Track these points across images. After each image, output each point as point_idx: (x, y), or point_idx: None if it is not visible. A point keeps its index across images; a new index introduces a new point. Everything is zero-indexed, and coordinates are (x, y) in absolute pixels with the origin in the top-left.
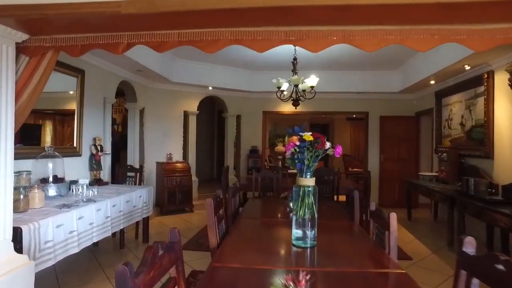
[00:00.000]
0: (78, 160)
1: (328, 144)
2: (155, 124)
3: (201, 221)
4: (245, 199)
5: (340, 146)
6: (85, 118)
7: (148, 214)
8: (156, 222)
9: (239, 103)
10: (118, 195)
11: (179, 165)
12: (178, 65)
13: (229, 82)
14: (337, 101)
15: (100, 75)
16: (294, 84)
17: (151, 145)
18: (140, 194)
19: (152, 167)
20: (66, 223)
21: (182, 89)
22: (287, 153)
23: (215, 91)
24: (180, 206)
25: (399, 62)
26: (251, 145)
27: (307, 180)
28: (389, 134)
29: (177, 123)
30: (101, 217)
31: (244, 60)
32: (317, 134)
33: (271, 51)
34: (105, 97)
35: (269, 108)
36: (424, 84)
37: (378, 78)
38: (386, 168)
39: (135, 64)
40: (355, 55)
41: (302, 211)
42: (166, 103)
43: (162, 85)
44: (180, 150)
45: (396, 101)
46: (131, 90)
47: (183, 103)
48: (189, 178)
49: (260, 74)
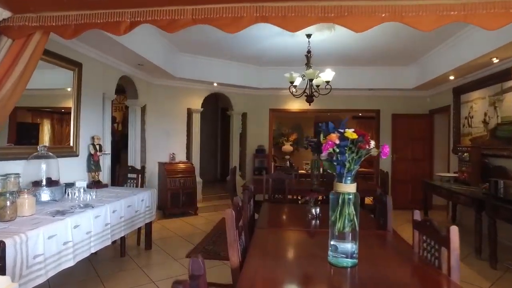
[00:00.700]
0: (75, 160)
1: (372, 143)
2: (157, 122)
3: (207, 225)
4: (254, 202)
5: (387, 146)
6: (82, 116)
7: (151, 219)
8: (158, 226)
9: (245, 100)
10: (118, 199)
11: (182, 166)
12: (182, 60)
13: (235, 78)
14: (347, 99)
15: (99, 69)
16: (309, 79)
17: (153, 144)
18: (142, 197)
19: (154, 167)
20: (59, 233)
21: (186, 85)
22: (323, 153)
23: (220, 88)
24: (184, 209)
25: (414, 56)
26: (257, 144)
27: (347, 186)
28: (402, 133)
29: (180, 121)
30: (100, 224)
31: (252, 55)
32: (361, 131)
33: (280, 44)
34: (104, 93)
35: (277, 106)
36: (441, 80)
37: (390, 74)
38: (399, 168)
39: (136, 57)
40: (367, 50)
41: (341, 223)
42: (169, 100)
43: (165, 81)
44: (183, 149)
45: (409, 98)
46: (132, 86)
47: (187, 100)
48: (193, 179)
49: (268, 70)
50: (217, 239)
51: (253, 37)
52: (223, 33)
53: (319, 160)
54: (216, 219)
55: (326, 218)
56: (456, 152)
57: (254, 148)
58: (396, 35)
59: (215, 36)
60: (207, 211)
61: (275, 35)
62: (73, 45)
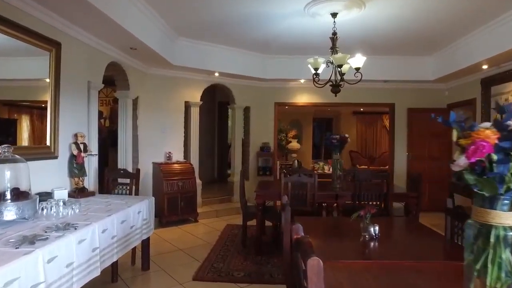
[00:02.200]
0: (53, 164)
1: None
2: (151, 117)
3: (211, 234)
4: (265, 210)
5: None
6: (62, 108)
7: (148, 234)
8: (155, 238)
9: (248, 93)
10: (109, 214)
11: (180, 166)
12: (180, 45)
13: (238, 67)
14: (359, 91)
15: (83, 52)
16: (337, 65)
17: (147, 142)
18: (139, 209)
19: (147, 168)
20: (25, 275)
21: (184, 75)
22: (467, 160)
23: (221, 79)
24: (183, 216)
25: (438, 45)
26: (261, 142)
27: (505, 215)
28: (418, 129)
29: (177, 116)
30: (85, 251)
31: (259, 41)
32: None
33: (296, 27)
34: (89, 82)
35: (283, 99)
36: (468, 71)
37: (408, 65)
38: (414, 167)
39: (129, 39)
40: (382, 37)
41: (493, 275)
42: (165, 91)
43: (160, 70)
44: (180, 148)
45: (426, 91)
46: (122, 75)
47: (185, 92)
48: (192, 181)
49: (275, 59)
50: (226, 253)
51: (265, 17)
52: (229, 11)
53: (341, 160)
54: (219, 226)
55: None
56: None
57: (257, 145)
58: (426, 19)
59: (220, 15)
60: (208, 217)
61: (293, 14)
62: (50, 19)
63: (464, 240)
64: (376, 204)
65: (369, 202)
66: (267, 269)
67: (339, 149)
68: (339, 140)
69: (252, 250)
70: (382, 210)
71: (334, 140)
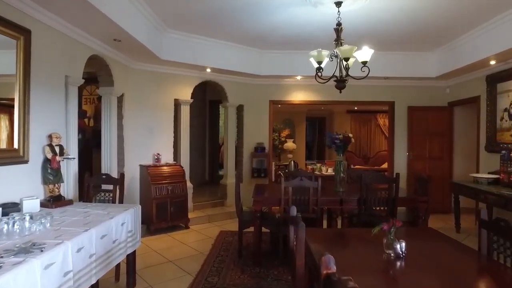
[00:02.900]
0: (22, 169)
1: None
2: (138, 116)
3: (203, 243)
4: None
5: None
6: (34, 106)
7: (134, 248)
8: (143, 247)
9: (242, 91)
10: (87, 229)
11: (169, 169)
12: (169, 38)
13: (232, 63)
14: (358, 89)
15: (58, 43)
16: (344, 58)
17: (133, 143)
18: (123, 220)
19: (134, 172)
20: None
21: (173, 71)
22: None
23: (213, 75)
24: (173, 222)
25: (441, 41)
26: (256, 142)
27: None
28: (419, 128)
29: (166, 115)
30: (54, 277)
31: (253, 35)
32: None
33: (296, 18)
34: (67, 76)
35: (278, 97)
36: (473, 67)
37: (410, 61)
38: (415, 167)
39: (112, 29)
40: (385, 31)
41: None
42: (153, 88)
43: (148, 65)
44: (170, 149)
45: (426, 89)
46: (105, 70)
47: (174, 89)
48: (183, 185)
49: (270, 54)
50: (221, 265)
51: (262, 7)
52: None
53: (344, 162)
54: (212, 233)
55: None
56: (490, 150)
57: (252, 146)
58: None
59: (213, 4)
60: (200, 222)
61: (293, 3)
62: (18, 2)
63: None
64: (383, 210)
65: (376, 208)
66: (267, 284)
67: (342, 150)
68: (342, 140)
69: (249, 261)
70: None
71: (337, 140)
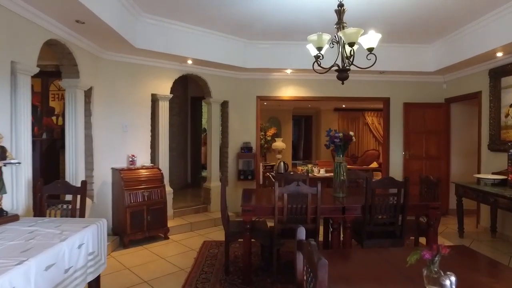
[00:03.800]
0: None
1: None
2: (109, 113)
3: (185, 257)
4: (253, 228)
5: None
6: None
7: (98, 272)
8: (113, 264)
9: (226, 85)
10: (23, 260)
11: (146, 172)
12: (145, 24)
13: (216, 54)
14: (351, 84)
15: (2, 21)
16: (348, 43)
17: (104, 143)
18: (80, 240)
19: (105, 176)
20: None
21: (150, 62)
22: None
23: (195, 68)
24: (150, 232)
25: (442, 32)
26: (242, 141)
27: None
28: (415, 126)
29: (142, 112)
30: None
31: (239, 22)
32: None
33: (281, 6)
34: (14, 62)
35: (265, 92)
36: (472, 61)
37: (407, 54)
38: (411, 168)
39: (73, 6)
40: (380, 21)
41: None
42: (127, 81)
43: (121, 55)
44: (146, 150)
45: (423, 84)
46: (68, 58)
47: (151, 82)
48: (161, 190)
49: (258, 45)
50: (205, 285)
51: None
52: None
53: (345, 163)
54: (195, 244)
55: None
56: (494, 149)
57: (237, 146)
58: None
59: None
60: (181, 231)
61: None
62: None
63: None
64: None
65: (382, 216)
66: None
67: (342, 150)
68: (342, 139)
69: (238, 279)
70: (397, 227)
71: (336, 140)
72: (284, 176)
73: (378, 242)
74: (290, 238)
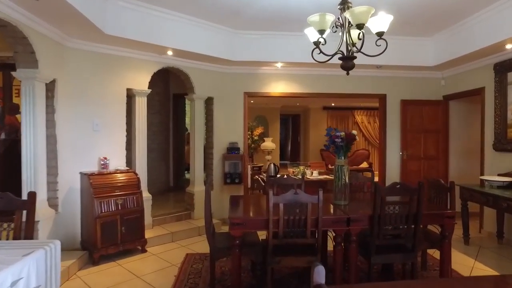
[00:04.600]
0: None
1: None
2: (77, 110)
3: (163, 273)
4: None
5: None
6: None
7: None
8: (77, 286)
9: (211, 80)
10: None
11: (120, 177)
12: (117, 7)
13: (199, 45)
14: (344, 80)
15: None
16: (357, 25)
17: (71, 144)
18: (16, 275)
19: (73, 181)
20: None
21: (124, 52)
22: None
23: (176, 60)
24: (125, 246)
25: (444, 23)
26: (228, 142)
27: None
28: (413, 124)
29: (116, 108)
30: None
31: (226, 9)
32: None
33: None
34: None
35: (254, 88)
36: (475, 55)
37: (406, 48)
38: (409, 169)
39: None
40: (375, 13)
41: None
42: (98, 74)
43: (91, 44)
44: (121, 152)
45: (420, 80)
46: (23, 44)
47: (126, 76)
48: (138, 196)
49: (246, 36)
50: None
51: None
52: None
53: (347, 166)
54: (176, 258)
55: None
56: (500, 149)
57: (223, 146)
58: None
59: None
60: (161, 242)
61: None
62: None
63: None
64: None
65: (392, 227)
66: None
67: (344, 151)
68: (344, 139)
69: None
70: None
71: (338, 139)
72: (276, 180)
73: (388, 258)
74: (287, 255)
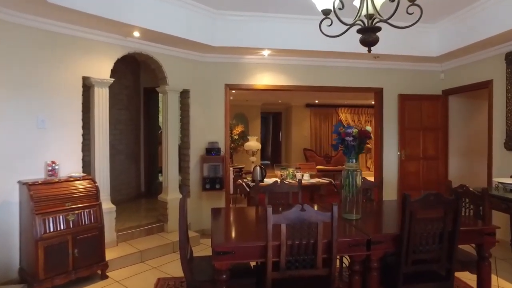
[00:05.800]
0: None
1: None
2: (14, 102)
3: None
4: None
5: None
6: None
7: None
8: None
9: (187, 69)
10: None
11: (73, 186)
12: None
13: (173, 26)
14: (338, 72)
15: None
16: None
17: (6, 146)
18: None
19: (9, 193)
20: None
21: (80, 32)
22: None
23: (144, 44)
24: (79, 273)
25: (450, 8)
26: (207, 141)
27: None
28: (412, 121)
29: (68, 101)
30: None
31: None
32: None
33: None
34: None
35: (236, 80)
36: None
37: (406, 35)
38: (408, 170)
39: None
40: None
41: None
42: (43, 57)
43: (35, 19)
44: (76, 154)
45: (419, 73)
46: None
47: (83, 61)
48: (96, 210)
49: (229, 16)
50: None
51: None
52: None
53: (360, 170)
54: (145, 285)
55: None
56: None
57: (202, 146)
58: None
59: None
60: (127, 263)
61: None
62: None
63: None
64: (433, 253)
65: (424, 249)
66: None
67: (357, 152)
68: (356, 138)
69: None
70: (443, 264)
71: (349, 138)
72: (269, 188)
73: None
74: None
